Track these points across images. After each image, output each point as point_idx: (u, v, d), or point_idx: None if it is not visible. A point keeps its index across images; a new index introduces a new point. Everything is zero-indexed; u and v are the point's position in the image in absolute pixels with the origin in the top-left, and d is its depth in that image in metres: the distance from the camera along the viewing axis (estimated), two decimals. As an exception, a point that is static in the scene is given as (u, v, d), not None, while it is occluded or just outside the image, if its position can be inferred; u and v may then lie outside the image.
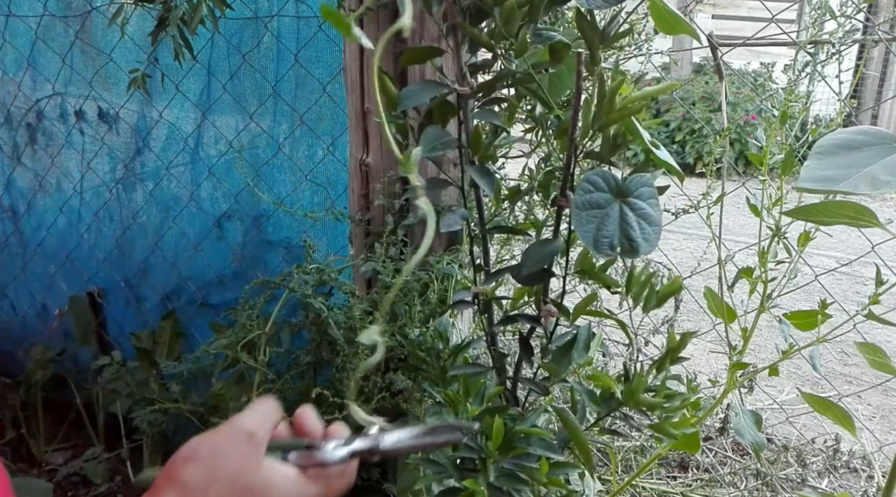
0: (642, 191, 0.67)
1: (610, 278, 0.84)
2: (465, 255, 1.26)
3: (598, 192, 0.66)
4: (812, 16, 1.08)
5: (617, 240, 0.65)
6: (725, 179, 1.10)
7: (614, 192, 0.66)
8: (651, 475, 1.75)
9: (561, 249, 0.83)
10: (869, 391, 2.36)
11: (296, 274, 1.33)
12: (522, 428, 0.82)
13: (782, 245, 1.06)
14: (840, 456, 1.87)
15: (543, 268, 0.84)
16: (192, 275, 1.87)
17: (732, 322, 1.09)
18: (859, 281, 3.64)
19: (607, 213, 0.65)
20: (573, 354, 0.85)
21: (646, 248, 0.66)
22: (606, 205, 0.66)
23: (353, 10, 1.20)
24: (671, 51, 2.11)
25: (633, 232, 0.65)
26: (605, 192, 0.66)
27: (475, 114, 0.87)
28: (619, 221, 0.65)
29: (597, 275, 0.83)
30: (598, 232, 0.65)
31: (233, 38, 1.58)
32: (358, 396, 1.22)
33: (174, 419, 1.58)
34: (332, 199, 1.54)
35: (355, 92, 1.27)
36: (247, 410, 0.55)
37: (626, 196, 0.66)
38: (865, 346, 0.95)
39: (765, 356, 2.63)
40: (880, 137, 0.68)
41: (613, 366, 1.77)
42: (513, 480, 0.80)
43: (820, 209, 0.72)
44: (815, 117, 4.06)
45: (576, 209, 0.65)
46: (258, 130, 1.61)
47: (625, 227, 0.65)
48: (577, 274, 0.85)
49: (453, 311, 1.18)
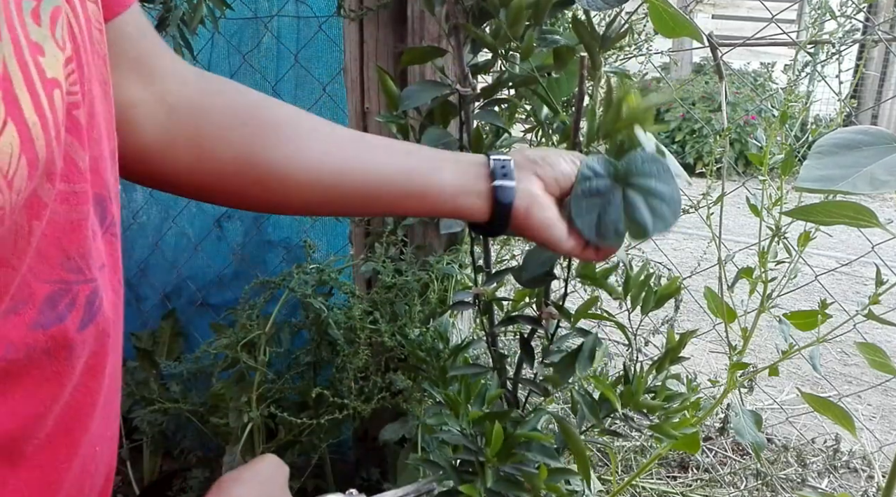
0: (652, 169, 0.63)
1: (612, 286, 0.83)
2: (466, 256, 1.26)
3: (596, 178, 0.62)
4: (812, 16, 1.08)
5: (622, 225, 0.61)
6: (725, 179, 1.10)
7: (617, 176, 0.62)
8: (651, 475, 1.75)
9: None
10: (869, 391, 2.36)
11: (296, 274, 1.33)
12: (522, 432, 0.82)
13: (782, 245, 1.06)
14: (840, 456, 1.87)
15: (545, 271, 0.83)
16: (192, 275, 1.87)
17: (732, 322, 1.09)
18: (859, 281, 3.64)
19: (609, 200, 0.61)
20: (577, 366, 0.84)
21: (659, 227, 0.61)
22: (608, 191, 0.62)
23: (354, 10, 1.20)
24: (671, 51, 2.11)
25: (639, 213, 0.61)
26: (605, 178, 0.62)
27: (476, 114, 0.87)
28: (624, 205, 0.61)
29: (598, 280, 0.83)
30: (600, 220, 0.61)
31: (233, 38, 1.58)
32: (358, 396, 1.22)
33: (174, 419, 1.58)
34: (332, 199, 1.53)
35: (355, 92, 1.27)
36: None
37: (630, 177, 0.62)
38: (865, 346, 0.95)
39: (765, 356, 2.63)
40: (880, 137, 0.68)
41: (613, 366, 1.77)
42: (511, 486, 0.80)
43: (820, 209, 0.72)
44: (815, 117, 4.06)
45: (575, 198, 0.61)
46: (258, 130, 1.61)
47: (630, 210, 0.61)
48: (578, 278, 0.85)
49: (453, 311, 1.18)
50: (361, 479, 1.43)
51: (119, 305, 0.42)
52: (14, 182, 0.27)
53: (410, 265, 1.22)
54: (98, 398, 0.39)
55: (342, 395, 1.22)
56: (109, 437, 0.43)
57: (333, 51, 1.45)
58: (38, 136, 0.28)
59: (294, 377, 1.37)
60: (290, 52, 1.51)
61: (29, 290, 0.32)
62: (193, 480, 1.55)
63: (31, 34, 0.28)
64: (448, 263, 1.21)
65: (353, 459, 1.48)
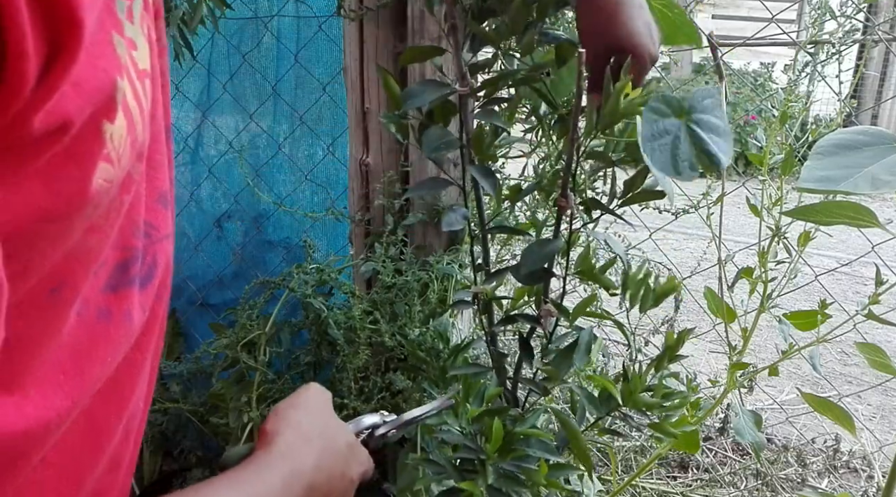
0: (705, 104, 0.65)
1: (608, 280, 0.84)
2: (466, 256, 1.26)
3: (662, 118, 0.64)
4: (812, 16, 1.08)
5: (695, 158, 0.64)
6: (725, 179, 1.10)
7: (678, 113, 0.64)
8: (651, 475, 1.75)
9: (560, 249, 0.82)
10: (869, 391, 2.36)
11: (296, 274, 1.33)
12: (522, 429, 0.82)
13: (782, 245, 1.06)
14: (840, 456, 1.87)
15: (543, 268, 0.84)
16: (192, 275, 1.87)
17: (732, 322, 1.09)
18: (859, 281, 3.64)
19: (678, 137, 0.64)
20: (574, 358, 0.85)
21: (724, 161, 0.64)
22: (675, 128, 0.64)
23: (354, 10, 1.20)
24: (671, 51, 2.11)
25: (708, 146, 0.63)
26: (669, 117, 0.64)
27: (476, 114, 0.87)
28: (692, 140, 0.64)
29: (596, 276, 0.83)
30: (674, 157, 0.63)
31: (233, 38, 1.58)
32: (358, 396, 1.22)
33: (174, 419, 1.58)
34: (332, 199, 1.54)
35: (355, 92, 1.27)
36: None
37: (691, 113, 0.64)
38: (865, 346, 0.95)
39: (765, 356, 2.63)
40: (880, 137, 0.68)
41: (613, 366, 1.77)
42: (512, 482, 0.80)
43: (820, 209, 0.72)
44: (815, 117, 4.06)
45: (645, 142, 0.63)
46: (258, 130, 1.61)
47: (699, 144, 0.63)
48: (576, 275, 0.85)
49: (453, 311, 1.18)
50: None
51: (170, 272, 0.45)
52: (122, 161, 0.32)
53: (410, 265, 1.22)
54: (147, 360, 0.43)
55: (342, 394, 1.22)
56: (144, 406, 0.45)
57: (333, 51, 1.45)
58: (138, 122, 0.32)
59: (294, 377, 1.37)
60: (290, 52, 1.51)
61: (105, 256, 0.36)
62: (193, 480, 1.55)
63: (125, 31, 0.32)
64: (448, 263, 1.21)
65: (353, 459, 1.48)
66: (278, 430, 0.53)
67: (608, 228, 1.15)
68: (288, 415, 0.55)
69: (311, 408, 0.58)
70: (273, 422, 0.54)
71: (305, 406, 0.58)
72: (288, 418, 0.55)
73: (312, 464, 0.52)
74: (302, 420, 0.56)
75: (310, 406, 0.58)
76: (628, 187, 0.79)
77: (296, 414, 0.56)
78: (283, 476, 0.49)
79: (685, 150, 0.64)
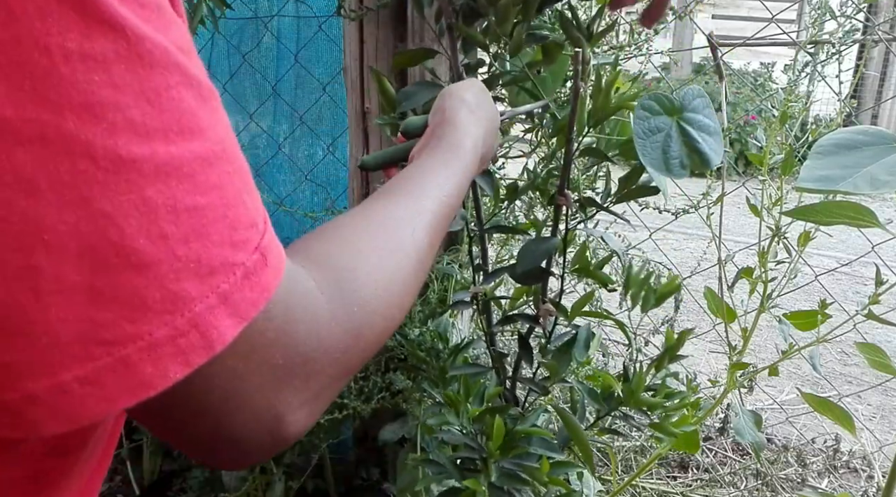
0: (696, 103, 0.67)
1: (606, 276, 0.84)
2: (465, 256, 1.26)
3: (654, 116, 0.66)
4: (812, 16, 1.08)
5: (686, 157, 0.66)
6: (725, 179, 1.10)
7: (670, 111, 0.67)
8: (651, 475, 1.75)
9: (557, 247, 0.82)
10: (869, 391, 2.36)
11: (296, 274, 1.33)
12: (523, 428, 0.82)
13: (782, 245, 1.06)
14: (840, 456, 1.86)
15: (541, 266, 0.84)
16: (192, 275, 1.86)
17: (732, 322, 1.09)
18: (859, 281, 3.64)
19: (669, 135, 0.66)
20: (573, 353, 0.85)
21: (715, 160, 0.66)
22: (666, 127, 0.66)
23: (354, 10, 1.20)
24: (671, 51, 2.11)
25: (699, 145, 0.65)
26: (661, 115, 0.66)
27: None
28: (683, 139, 0.66)
29: (592, 272, 0.83)
30: (665, 155, 0.65)
31: (233, 38, 1.58)
32: (358, 396, 1.22)
33: (174, 419, 1.58)
34: (332, 198, 1.54)
35: (355, 92, 1.27)
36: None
37: (682, 112, 0.67)
38: (865, 346, 0.95)
39: (765, 356, 2.63)
40: (880, 137, 0.68)
41: (613, 366, 1.77)
42: (514, 480, 0.80)
43: (820, 209, 0.72)
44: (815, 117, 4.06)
45: (638, 139, 0.65)
46: (258, 130, 1.61)
47: (690, 143, 0.66)
48: (572, 272, 0.85)
49: (453, 311, 1.18)
50: (361, 479, 1.43)
51: None
52: None
53: (410, 265, 1.22)
54: None
55: (342, 394, 1.22)
56: None
57: (333, 51, 1.45)
58: None
59: (294, 377, 1.37)
60: (290, 52, 1.51)
61: None
62: (193, 480, 1.55)
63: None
64: (448, 263, 1.21)
65: (353, 459, 1.48)
66: (454, 106, 0.62)
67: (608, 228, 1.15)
68: (457, 92, 0.64)
69: (479, 88, 0.67)
70: (447, 100, 0.63)
71: (473, 86, 0.66)
72: (459, 95, 0.63)
73: (481, 134, 0.61)
74: (465, 96, 0.64)
75: (478, 87, 0.67)
76: (623, 184, 0.80)
77: (463, 92, 0.64)
78: (467, 151, 0.57)
79: (676, 149, 0.65)
